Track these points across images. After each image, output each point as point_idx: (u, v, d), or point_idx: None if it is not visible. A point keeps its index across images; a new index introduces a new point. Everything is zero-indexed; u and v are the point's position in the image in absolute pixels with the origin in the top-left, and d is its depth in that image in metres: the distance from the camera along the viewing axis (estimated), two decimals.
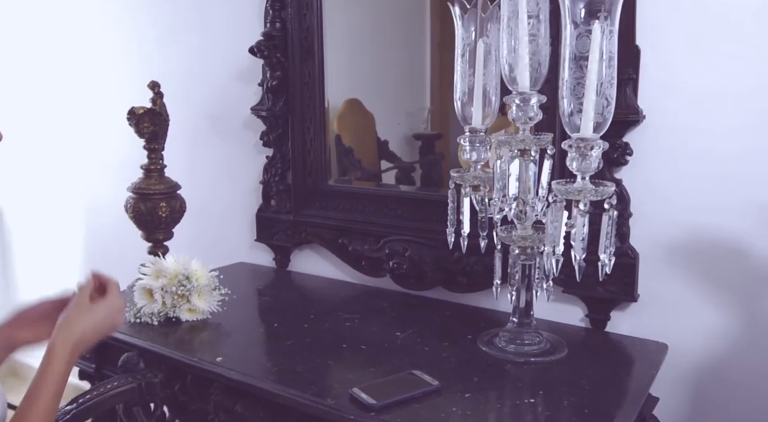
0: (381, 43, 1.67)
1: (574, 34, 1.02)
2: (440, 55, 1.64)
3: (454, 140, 1.70)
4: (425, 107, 1.69)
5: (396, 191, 1.59)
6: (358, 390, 1.01)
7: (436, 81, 1.66)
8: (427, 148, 1.68)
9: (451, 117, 1.68)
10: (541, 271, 1.17)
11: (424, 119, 1.70)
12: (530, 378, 1.09)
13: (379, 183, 1.64)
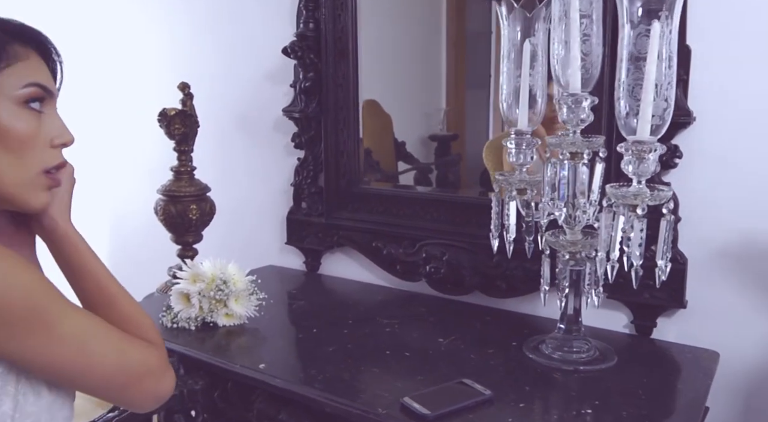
0: (397, 44, 1.64)
1: (632, 34, 0.99)
2: (456, 54, 1.62)
3: (470, 140, 1.68)
4: (441, 108, 1.67)
5: (433, 193, 1.56)
6: (409, 399, 0.98)
7: (452, 81, 1.64)
8: (442, 149, 1.66)
9: (467, 118, 1.66)
10: (592, 277, 1.14)
11: (440, 119, 1.68)
12: (582, 387, 1.06)
13: (414, 186, 1.62)
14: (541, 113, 1.21)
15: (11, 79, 0.73)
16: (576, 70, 1.08)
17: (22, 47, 0.75)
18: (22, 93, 0.74)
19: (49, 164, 0.77)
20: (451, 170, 1.67)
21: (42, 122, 0.76)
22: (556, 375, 1.11)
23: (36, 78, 0.75)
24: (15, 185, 0.74)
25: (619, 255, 1.06)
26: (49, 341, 0.68)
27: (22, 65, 0.74)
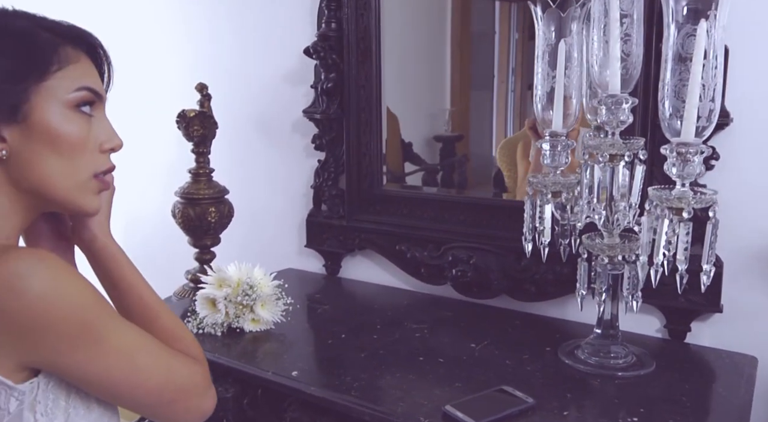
0: (403, 44, 1.62)
1: (677, 34, 0.98)
2: (460, 55, 1.60)
3: (475, 141, 1.66)
4: (446, 109, 1.65)
5: (459, 196, 1.54)
6: (452, 407, 0.96)
7: (456, 82, 1.62)
8: (447, 149, 1.64)
9: (472, 118, 1.65)
10: (632, 281, 1.11)
11: (445, 120, 1.66)
12: (624, 394, 1.04)
13: (439, 188, 1.60)
14: (576, 114, 1.19)
15: (63, 83, 0.71)
16: (616, 70, 1.06)
17: (73, 49, 0.73)
18: (73, 97, 0.72)
19: (100, 169, 0.75)
20: (458, 171, 1.65)
21: (92, 125, 0.74)
22: (595, 381, 1.09)
23: (87, 81, 0.73)
24: (67, 189, 0.73)
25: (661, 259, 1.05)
26: (99, 355, 0.66)
27: (73, 68, 0.72)
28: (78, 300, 0.65)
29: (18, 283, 0.61)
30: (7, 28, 0.70)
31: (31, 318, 0.62)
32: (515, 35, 1.56)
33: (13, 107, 0.68)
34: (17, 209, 0.72)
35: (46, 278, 0.63)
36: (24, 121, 0.69)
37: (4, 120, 0.68)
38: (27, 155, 0.70)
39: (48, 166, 0.71)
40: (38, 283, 0.62)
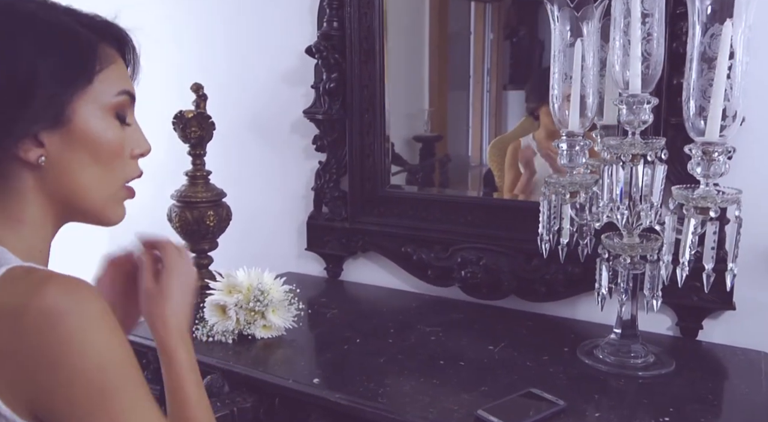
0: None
1: (702, 34, 0.98)
2: (438, 56, 1.59)
3: (453, 141, 1.66)
4: (425, 109, 1.65)
5: (465, 197, 1.53)
6: (485, 412, 0.95)
7: (435, 82, 1.63)
8: (427, 150, 1.65)
9: (450, 119, 1.64)
10: (654, 281, 1.12)
11: (424, 120, 1.66)
12: (651, 394, 1.04)
13: (445, 189, 1.58)
14: (593, 114, 1.18)
15: (104, 86, 0.67)
16: (637, 70, 1.06)
17: (110, 48, 0.69)
18: (115, 102, 0.68)
19: (131, 176, 0.71)
20: (442, 171, 1.65)
21: (125, 131, 0.70)
22: (618, 381, 1.09)
23: (126, 84, 0.69)
24: (101, 199, 0.68)
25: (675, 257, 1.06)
26: (107, 414, 0.57)
27: (112, 69, 0.68)
28: (106, 359, 0.58)
29: (48, 320, 0.55)
30: (50, 23, 0.65)
31: (50, 359, 0.55)
32: (490, 35, 1.56)
33: (57, 111, 0.63)
34: (47, 221, 0.67)
35: (80, 322, 0.56)
36: (65, 127, 0.64)
37: (46, 125, 0.63)
38: (65, 162, 0.65)
39: (86, 175, 0.67)
40: (70, 325, 0.55)
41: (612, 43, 1.08)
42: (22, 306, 0.55)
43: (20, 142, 0.63)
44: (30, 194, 0.65)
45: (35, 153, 0.63)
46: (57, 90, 0.63)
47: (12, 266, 0.59)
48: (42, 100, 0.62)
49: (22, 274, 0.59)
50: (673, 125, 1.23)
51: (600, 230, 1.18)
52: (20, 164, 0.64)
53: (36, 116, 0.62)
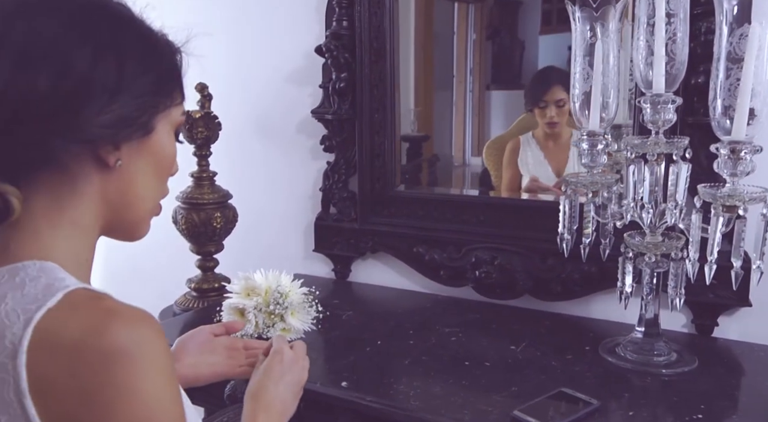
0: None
1: (730, 34, 0.99)
2: (424, 56, 1.59)
3: (439, 141, 1.66)
4: (411, 109, 1.65)
5: (477, 197, 1.53)
6: (521, 413, 0.95)
7: (421, 82, 1.63)
8: (414, 149, 1.66)
9: (436, 119, 1.65)
10: (678, 279, 1.12)
11: (410, 120, 1.66)
12: (680, 392, 1.04)
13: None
14: (613, 114, 1.19)
15: (176, 102, 0.67)
16: (662, 70, 1.07)
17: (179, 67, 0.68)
18: (179, 120, 0.68)
19: (165, 194, 0.71)
20: (430, 171, 1.65)
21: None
22: (644, 379, 1.10)
23: (184, 103, 0.68)
24: (146, 211, 0.68)
25: (700, 256, 1.07)
26: None
27: (180, 86, 0.67)
28: (155, 410, 0.55)
29: (107, 361, 0.52)
30: (150, 31, 0.65)
31: (100, 401, 0.53)
32: (473, 36, 1.57)
33: (149, 122, 0.63)
34: (96, 229, 0.65)
35: (138, 368, 0.54)
36: (145, 136, 0.64)
37: (138, 132, 0.62)
38: (132, 170, 0.64)
39: (145, 185, 0.66)
40: (128, 370, 0.53)
41: (636, 42, 1.09)
42: (83, 343, 0.53)
43: (108, 142, 0.61)
44: (91, 198, 0.63)
45: (114, 156, 0.62)
46: (156, 100, 0.63)
47: (71, 289, 0.56)
48: (143, 107, 0.62)
49: (84, 301, 0.56)
50: (690, 125, 1.24)
51: (619, 228, 1.19)
52: (93, 165, 0.62)
53: (133, 120, 0.61)
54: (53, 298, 0.55)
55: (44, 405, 0.52)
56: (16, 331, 0.53)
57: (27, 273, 0.57)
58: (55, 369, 0.52)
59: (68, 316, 0.54)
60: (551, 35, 1.51)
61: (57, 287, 0.56)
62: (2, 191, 0.58)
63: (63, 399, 0.53)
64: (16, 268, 0.58)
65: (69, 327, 0.53)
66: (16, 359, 0.52)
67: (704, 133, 1.19)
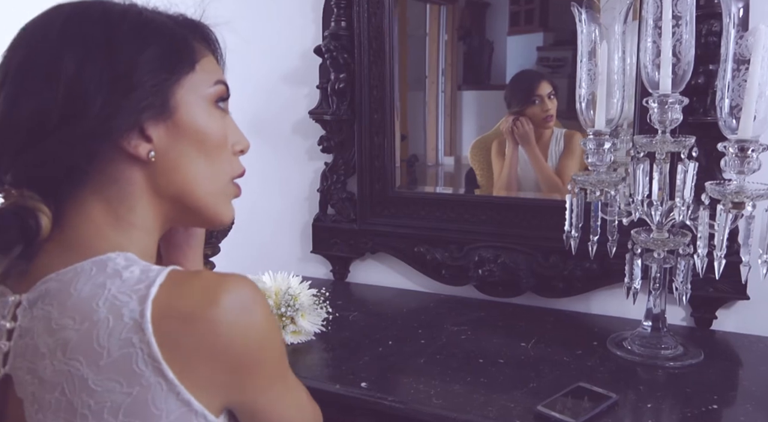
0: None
1: (738, 36, 1.02)
2: (400, 56, 1.60)
3: (413, 141, 1.67)
4: None
5: (478, 196, 1.55)
6: (544, 408, 0.96)
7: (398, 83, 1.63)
8: None
9: (409, 119, 1.66)
10: (685, 274, 1.16)
11: None
12: (691, 383, 1.07)
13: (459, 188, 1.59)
14: (619, 114, 1.21)
15: (203, 76, 0.66)
16: (668, 71, 1.10)
17: (198, 43, 0.67)
18: (213, 91, 0.67)
19: (236, 172, 0.70)
20: (409, 171, 1.67)
21: (227, 123, 0.68)
22: (655, 372, 1.12)
23: (220, 75, 0.68)
24: (210, 195, 0.67)
25: (709, 251, 1.10)
26: (284, 392, 0.65)
27: (206, 61, 0.67)
28: (279, 347, 0.63)
29: (242, 318, 0.57)
30: (145, 18, 0.64)
31: (249, 354, 0.58)
32: (444, 37, 1.59)
33: (162, 99, 0.62)
34: (157, 223, 0.66)
35: (265, 311, 0.59)
36: (170, 118, 0.63)
37: (152, 117, 0.62)
38: (173, 155, 0.63)
39: (194, 168, 0.65)
40: (258, 317, 0.58)
41: (643, 44, 1.12)
42: (201, 310, 0.56)
43: (129, 136, 0.61)
44: (139, 195, 0.63)
45: (145, 148, 0.62)
46: (160, 78, 0.62)
47: (170, 268, 0.59)
48: (146, 89, 0.61)
49: (188, 276, 0.59)
50: (690, 124, 1.28)
51: (624, 225, 1.22)
52: (129, 163, 0.62)
53: (140, 105, 0.61)
54: (159, 275, 0.57)
55: (180, 369, 0.55)
56: (134, 307, 0.55)
57: (116, 263, 0.59)
58: (182, 336, 0.55)
59: (180, 289, 0.57)
60: (519, 36, 1.54)
61: (153, 269, 0.58)
62: (34, 207, 0.59)
63: (198, 363, 0.55)
64: (101, 260, 0.59)
65: (184, 298, 0.56)
66: (143, 330, 0.54)
67: (703, 132, 1.23)
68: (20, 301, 0.60)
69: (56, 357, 0.55)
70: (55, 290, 0.58)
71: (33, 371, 0.57)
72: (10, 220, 0.58)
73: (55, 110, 0.58)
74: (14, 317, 0.60)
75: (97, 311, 0.55)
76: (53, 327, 0.56)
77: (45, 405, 0.55)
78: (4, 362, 0.60)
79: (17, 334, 0.59)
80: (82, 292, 0.56)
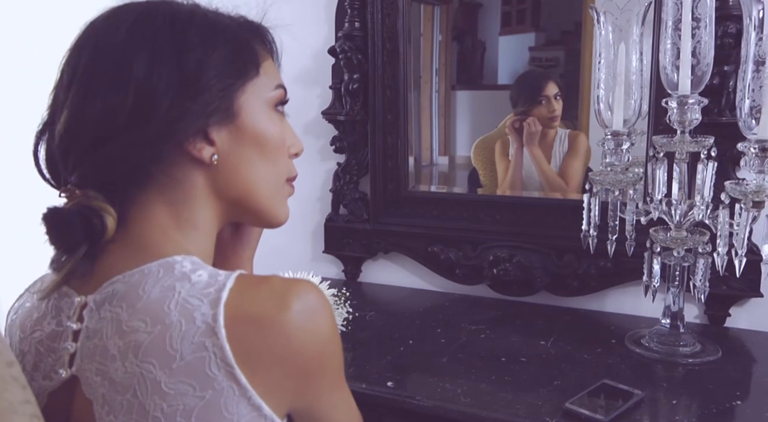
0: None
1: (757, 37, 1.04)
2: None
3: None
4: None
5: (492, 195, 1.56)
6: (572, 406, 0.97)
7: None
8: None
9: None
10: (704, 272, 1.17)
11: None
12: (712, 380, 1.09)
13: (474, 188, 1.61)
14: (636, 114, 1.23)
15: (265, 80, 0.66)
16: (688, 72, 1.11)
17: (259, 45, 0.67)
18: (274, 95, 0.68)
19: (291, 174, 0.71)
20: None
21: (284, 127, 0.69)
22: (675, 369, 1.14)
23: (279, 79, 0.68)
24: (269, 196, 0.68)
25: (728, 249, 1.12)
26: (343, 396, 0.65)
27: (267, 65, 0.67)
28: (339, 349, 0.63)
29: (311, 322, 0.57)
30: (210, 20, 0.64)
31: (317, 358, 0.58)
32: (438, 37, 1.60)
33: (227, 104, 0.62)
34: (215, 223, 0.66)
35: (331, 318, 0.60)
36: (233, 122, 0.63)
37: (216, 121, 0.62)
38: (235, 159, 0.64)
39: (256, 170, 0.66)
40: (325, 321, 0.59)
41: (663, 45, 1.13)
42: (272, 316, 0.56)
43: (193, 139, 0.61)
44: (201, 197, 0.64)
45: (208, 151, 0.62)
46: (226, 82, 0.62)
47: (237, 273, 0.59)
48: (213, 93, 0.61)
49: (256, 281, 0.59)
50: (704, 124, 1.29)
51: (642, 224, 1.23)
52: (192, 165, 0.63)
53: (208, 108, 0.61)
54: (229, 280, 0.57)
55: (251, 373, 0.55)
56: (206, 311, 0.55)
57: (183, 266, 0.59)
58: (254, 341, 0.55)
59: (251, 293, 0.57)
60: (511, 36, 1.55)
61: (221, 273, 0.58)
62: (99, 208, 0.59)
63: (269, 367, 0.56)
64: (168, 263, 0.59)
65: (255, 303, 0.56)
66: (216, 335, 0.54)
67: (717, 132, 1.25)
68: (86, 302, 0.60)
69: (128, 359, 0.55)
70: (123, 292, 0.58)
71: (103, 372, 0.57)
72: (75, 220, 0.58)
73: (125, 112, 0.58)
74: (80, 318, 0.60)
75: (168, 314, 0.55)
76: (124, 329, 0.56)
77: (116, 407, 0.55)
78: (71, 363, 0.60)
79: (84, 335, 0.59)
80: (151, 294, 0.57)
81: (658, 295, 1.23)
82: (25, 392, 0.56)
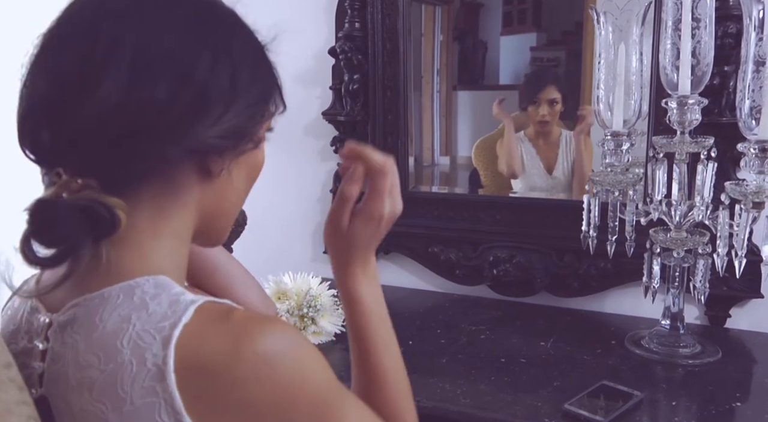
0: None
1: (758, 38, 1.04)
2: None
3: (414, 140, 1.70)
4: None
5: (492, 196, 1.56)
6: (572, 407, 0.97)
7: None
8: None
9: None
10: (703, 273, 1.17)
11: None
12: (712, 381, 1.09)
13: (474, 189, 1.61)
14: (636, 114, 1.23)
15: (276, 114, 0.66)
16: (688, 72, 1.11)
17: None
18: (268, 124, 0.66)
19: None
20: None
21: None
22: (675, 370, 1.14)
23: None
24: (233, 219, 0.67)
25: (728, 250, 1.12)
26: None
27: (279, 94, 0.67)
28: (319, 382, 0.57)
29: (268, 371, 0.53)
30: (255, 39, 0.64)
31: (273, 409, 0.53)
32: (440, 37, 1.60)
33: (254, 131, 0.62)
34: (189, 236, 0.63)
35: (294, 357, 0.55)
36: (254, 149, 0.63)
37: (245, 146, 0.61)
38: (233, 180, 0.62)
39: (238, 195, 0.65)
40: (286, 367, 0.54)
41: (662, 46, 1.13)
42: (230, 359, 0.52)
43: (218, 153, 0.59)
44: (189, 209, 0.61)
45: (219, 165, 0.60)
46: (264, 108, 0.63)
47: (199, 303, 0.55)
48: (254, 117, 0.61)
49: (217, 315, 0.55)
50: (704, 125, 1.29)
51: (642, 225, 1.23)
52: (196, 176, 0.60)
53: (245, 127, 0.60)
54: (185, 314, 0.53)
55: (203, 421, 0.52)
56: (157, 352, 0.52)
57: (144, 291, 0.55)
58: (204, 390, 0.52)
59: (206, 332, 0.53)
60: (512, 36, 1.55)
61: (182, 301, 0.55)
62: (109, 204, 0.54)
63: (222, 413, 0.52)
64: (130, 286, 0.56)
65: (210, 343, 0.52)
66: (165, 380, 0.51)
67: (717, 132, 1.25)
68: (51, 322, 0.58)
69: (83, 395, 0.53)
70: (83, 318, 0.55)
71: (66, 401, 0.55)
72: (78, 215, 0.53)
73: (176, 111, 0.55)
74: (47, 337, 0.57)
75: (121, 351, 0.52)
76: (81, 362, 0.54)
77: None
78: (40, 382, 0.58)
79: (50, 357, 0.57)
80: (107, 325, 0.54)
81: (658, 296, 1.23)
82: (22, 393, 0.55)
